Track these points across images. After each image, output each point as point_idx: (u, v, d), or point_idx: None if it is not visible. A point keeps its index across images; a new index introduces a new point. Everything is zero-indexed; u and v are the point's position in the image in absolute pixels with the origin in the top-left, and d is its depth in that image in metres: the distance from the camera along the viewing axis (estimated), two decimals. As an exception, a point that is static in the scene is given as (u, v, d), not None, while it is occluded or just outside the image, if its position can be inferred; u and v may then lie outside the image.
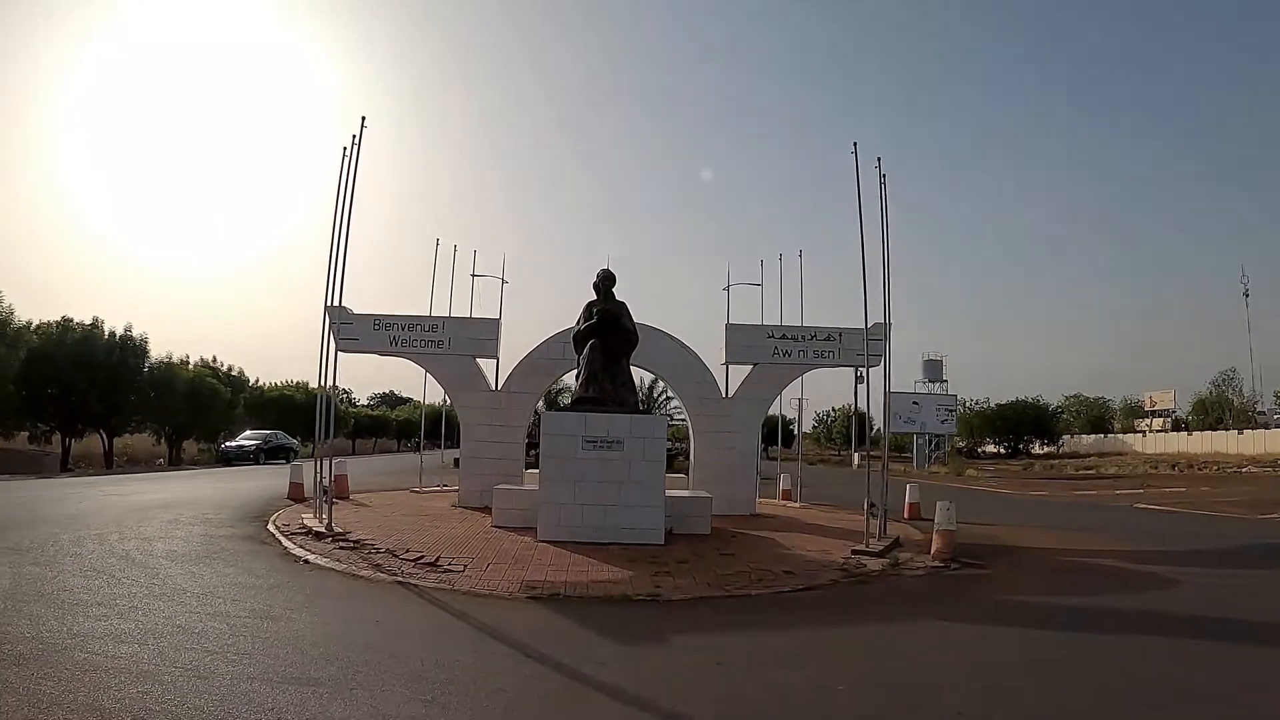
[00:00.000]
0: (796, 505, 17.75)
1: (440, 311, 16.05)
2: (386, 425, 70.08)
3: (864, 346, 11.59)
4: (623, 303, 11.93)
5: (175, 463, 36.31)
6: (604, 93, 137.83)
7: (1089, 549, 12.37)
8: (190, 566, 8.63)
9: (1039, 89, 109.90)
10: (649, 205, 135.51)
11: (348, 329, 15.34)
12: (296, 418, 52.33)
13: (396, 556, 9.75)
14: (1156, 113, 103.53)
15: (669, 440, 11.81)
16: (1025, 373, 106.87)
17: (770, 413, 16.60)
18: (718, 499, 12.98)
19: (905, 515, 16.03)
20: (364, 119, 12.39)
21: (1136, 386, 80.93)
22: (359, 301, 15.61)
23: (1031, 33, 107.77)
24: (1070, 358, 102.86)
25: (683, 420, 26.78)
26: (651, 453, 10.76)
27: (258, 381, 53.24)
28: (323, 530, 11.34)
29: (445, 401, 17.39)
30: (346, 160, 12.41)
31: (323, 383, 12.20)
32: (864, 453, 61.51)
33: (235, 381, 47.13)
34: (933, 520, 11.43)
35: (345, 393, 77.71)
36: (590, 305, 11.83)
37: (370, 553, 9.98)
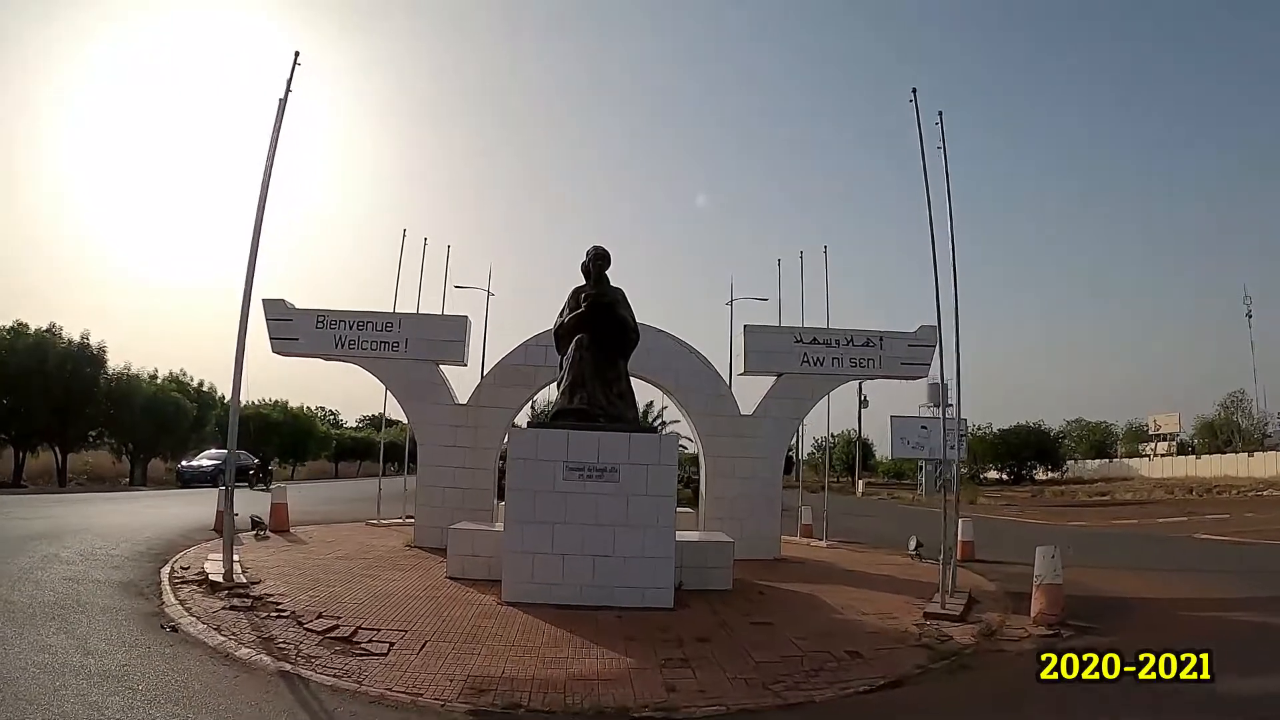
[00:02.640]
0: (823, 544, 15.02)
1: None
2: (372, 448, 67.27)
3: (938, 345, 8.85)
4: (619, 289, 9.26)
5: (142, 482, 33.96)
6: (602, 87, 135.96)
7: (1211, 597, 10.28)
8: (11, 629, 6.28)
9: (1032, 100, 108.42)
10: (653, 203, 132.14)
11: (285, 326, 12.67)
12: (274, 437, 50.10)
13: (302, 624, 7.09)
14: (1157, 127, 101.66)
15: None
16: (1022, 396, 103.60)
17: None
18: (736, 541, 10.23)
19: (959, 556, 13.46)
20: (296, 55, 9.83)
21: (1137, 409, 78.58)
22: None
23: (1031, 41, 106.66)
24: (1069, 380, 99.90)
25: (681, 447, 24.07)
26: (658, 484, 7.99)
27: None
28: (221, 579, 8.70)
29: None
30: (281, 109, 9.84)
31: (237, 390, 9.47)
32: (867, 479, 59.42)
33: (205, 397, 44.63)
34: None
35: (332, 414, 75.36)
36: (577, 291, 9.15)
37: (269, 616, 7.34)
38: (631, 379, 9.40)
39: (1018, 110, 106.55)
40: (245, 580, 8.88)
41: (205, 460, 31.93)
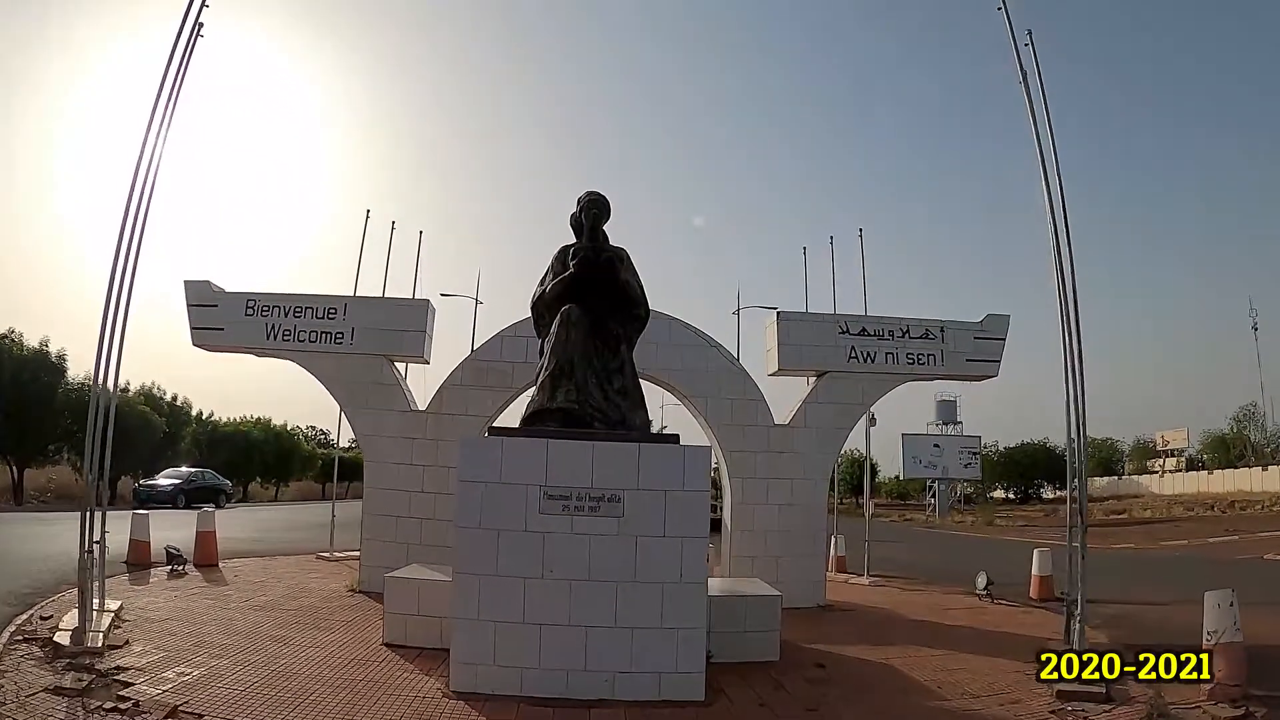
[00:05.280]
0: (865, 581, 12.47)
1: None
2: (360, 469, 64.52)
3: (1071, 333, 6.36)
4: (621, 248, 6.77)
5: (110, 501, 30.83)
6: (599, 84, 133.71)
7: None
8: None
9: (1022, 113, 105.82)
10: (657, 193, 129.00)
11: (209, 314, 10.20)
12: (254, 456, 47.78)
13: (143, 727, 4.61)
14: (1161, 135, 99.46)
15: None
16: (1020, 412, 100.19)
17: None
18: (774, 585, 7.72)
19: (1033, 594, 11.35)
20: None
21: (1140, 425, 76.41)
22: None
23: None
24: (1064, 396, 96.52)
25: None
26: (683, 519, 5.39)
27: (211, 415, 48.56)
28: (68, 642, 6.35)
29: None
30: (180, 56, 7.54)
31: (99, 379, 7.05)
32: (876, 501, 57.27)
33: (178, 412, 42.30)
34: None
35: (322, 433, 72.48)
36: (565, 250, 6.65)
37: (101, 707, 4.98)
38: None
39: (1009, 114, 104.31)
40: (100, 645, 6.40)
41: (164, 480, 29.24)
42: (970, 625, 9.12)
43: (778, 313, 10.26)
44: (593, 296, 6.31)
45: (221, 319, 10.23)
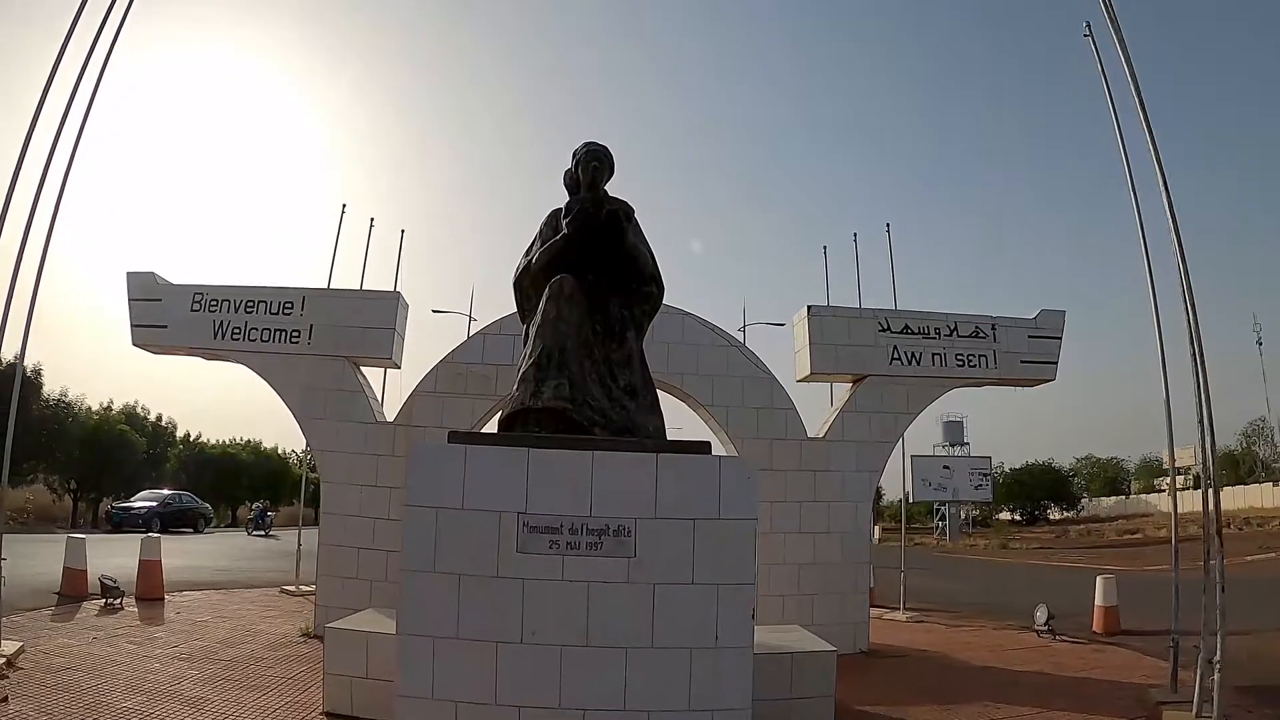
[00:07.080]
0: (902, 617, 11.01)
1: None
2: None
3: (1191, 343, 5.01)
4: (626, 203, 5.35)
5: (92, 523, 30.11)
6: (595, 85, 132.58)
7: None
8: None
9: (1028, 114, 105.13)
10: (656, 193, 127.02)
11: (152, 309, 8.84)
12: (242, 479, 46.44)
13: None
14: (1169, 148, 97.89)
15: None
16: (1020, 432, 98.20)
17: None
18: (811, 629, 6.28)
19: (1098, 628, 10.07)
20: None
21: (1145, 444, 75.48)
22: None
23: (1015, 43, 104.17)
24: (1067, 416, 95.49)
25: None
26: (716, 560, 3.86)
27: (199, 436, 47.31)
28: None
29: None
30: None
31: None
32: (882, 525, 56.04)
33: (160, 432, 41.03)
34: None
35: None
36: (558, 213, 5.25)
37: None
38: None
39: (1003, 123, 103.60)
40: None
41: (139, 502, 27.76)
42: (1043, 670, 7.69)
43: (809, 308, 8.82)
44: (593, 268, 4.91)
45: (165, 315, 8.85)
